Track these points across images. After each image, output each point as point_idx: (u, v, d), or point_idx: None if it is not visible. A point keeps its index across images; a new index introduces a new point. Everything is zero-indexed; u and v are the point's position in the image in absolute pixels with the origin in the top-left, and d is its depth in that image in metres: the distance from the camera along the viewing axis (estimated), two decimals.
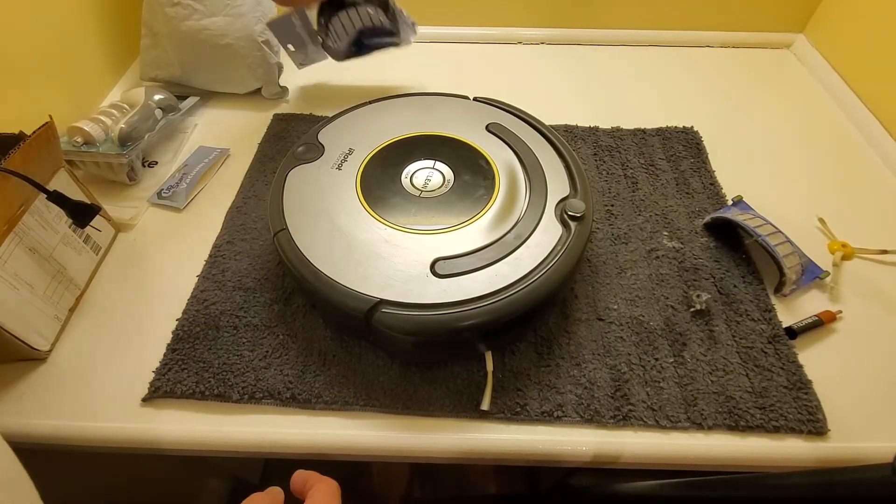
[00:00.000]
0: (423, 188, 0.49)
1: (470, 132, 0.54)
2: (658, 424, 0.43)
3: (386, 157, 0.52)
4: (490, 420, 0.43)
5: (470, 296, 0.41)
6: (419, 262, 0.43)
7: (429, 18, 0.83)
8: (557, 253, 0.43)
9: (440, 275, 0.42)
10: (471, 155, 0.52)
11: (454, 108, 0.58)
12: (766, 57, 0.82)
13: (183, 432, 0.43)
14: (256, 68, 0.70)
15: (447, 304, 0.40)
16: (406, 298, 0.41)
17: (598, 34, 0.84)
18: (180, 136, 0.67)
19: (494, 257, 0.43)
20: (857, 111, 0.69)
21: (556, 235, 0.45)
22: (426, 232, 0.45)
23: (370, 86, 0.77)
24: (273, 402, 0.44)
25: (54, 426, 0.43)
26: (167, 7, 0.66)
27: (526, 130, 0.55)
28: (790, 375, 0.45)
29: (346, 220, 0.46)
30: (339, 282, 0.42)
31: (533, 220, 0.46)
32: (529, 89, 0.76)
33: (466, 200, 0.48)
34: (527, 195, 0.48)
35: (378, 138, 0.54)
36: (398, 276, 0.42)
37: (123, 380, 0.45)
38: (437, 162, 0.52)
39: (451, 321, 0.40)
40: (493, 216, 0.47)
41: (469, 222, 0.46)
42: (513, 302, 0.40)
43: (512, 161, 0.51)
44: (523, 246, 0.44)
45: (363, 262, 0.43)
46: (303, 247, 0.44)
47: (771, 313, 0.49)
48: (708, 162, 0.63)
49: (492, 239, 0.45)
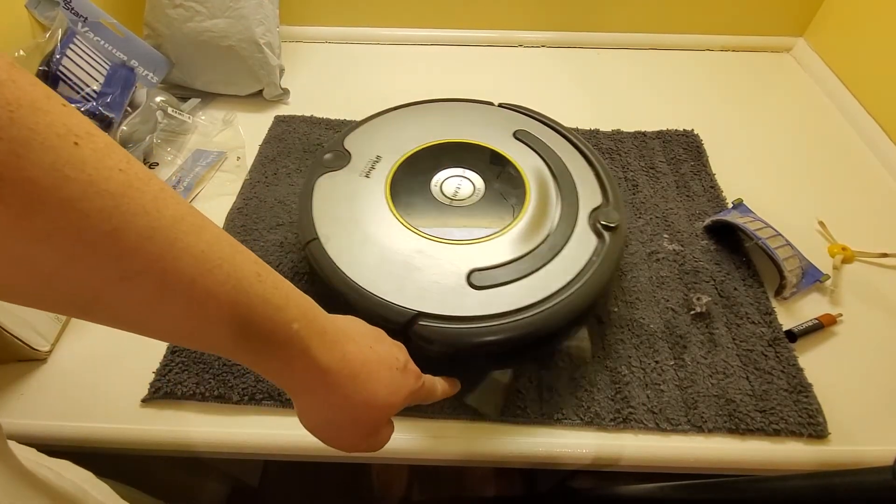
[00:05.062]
0: (454, 197, 0.49)
1: (497, 139, 0.53)
2: (658, 427, 0.42)
3: (414, 164, 0.51)
4: (490, 422, 0.43)
5: (509, 308, 0.40)
6: (455, 274, 0.42)
7: (429, 20, 0.84)
8: (593, 264, 0.43)
9: (477, 286, 0.41)
10: (499, 162, 0.51)
11: (480, 115, 0.57)
12: (767, 60, 0.82)
13: (183, 433, 0.43)
14: (258, 70, 0.70)
15: (487, 317, 0.40)
16: (444, 311, 0.40)
17: (599, 37, 0.84)
18: (181, 137, 0.67)
19: (530, 268, 0.43)
20: (857, 115, 0.69)
21: (590, 246, 0.44)
22: (460, 242, 0.45)
23: (371, 86, 0.77)
24: (273, 404, 0.44)
25: (54, 426, 0.43)
26: (169, 9, 0.66)
27: (553, 137, 0.54)
28: (790, 378, 0.45)
29: (378, 230, 0.45)
30: (376, 293, 0.41)
31: (566, 230, 0.45)
32: (530, 92, 0.76)
33: (498, 210, 0.47)
34: (558, 204, 0.47)
35: (405, 145, 0.53)
36: (435, 287, 0.41)
37: (123, 381, 0.45)
38: (465, 170, 0.51)
39: (493, 334, 0.39)
40: (526, 226, 0.46)
41: (502, 232, 0.45)
42: (555, 314, 0.40)
43: (541, 169, 0.50)
44: (558, 257, 0.43)
45: (398, 272, 0.42)
46: (335, 257, 0.43)
47: (771, 316, 0.49)
48: (708, 165, 0.64)
49: (526, 249, 0.44)
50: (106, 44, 0.63)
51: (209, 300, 0.21)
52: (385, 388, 0.29)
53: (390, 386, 0.29)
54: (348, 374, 0.27)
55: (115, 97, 0.60)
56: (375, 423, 0.30)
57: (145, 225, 0.19)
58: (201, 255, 0.21)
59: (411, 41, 0.85)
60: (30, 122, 0.16)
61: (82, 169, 0.17)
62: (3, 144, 0.16)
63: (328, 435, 0.30)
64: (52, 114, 0.17)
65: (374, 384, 0.28)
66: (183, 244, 0.20)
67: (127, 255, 0.19)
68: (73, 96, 0.58)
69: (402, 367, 0.30)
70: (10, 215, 0.16)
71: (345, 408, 0.28)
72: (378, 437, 0.31)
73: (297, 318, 0.25)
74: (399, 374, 0.30)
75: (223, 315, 0.22)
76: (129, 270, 0.19)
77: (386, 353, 0.30)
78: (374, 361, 0.28)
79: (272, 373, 0.26)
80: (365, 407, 0.28)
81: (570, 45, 0.85)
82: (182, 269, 0.20)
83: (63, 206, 0.17)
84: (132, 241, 0.19)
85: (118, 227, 0.18)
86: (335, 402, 0.27)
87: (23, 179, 0.16)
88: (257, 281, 0.23)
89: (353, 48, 0.84)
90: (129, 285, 0.19)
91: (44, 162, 0.16)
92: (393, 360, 0.30)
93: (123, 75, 0.62)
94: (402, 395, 0.30)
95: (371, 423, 0.30)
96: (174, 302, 0.21)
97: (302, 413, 0.29)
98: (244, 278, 0.23)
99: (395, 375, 0.29)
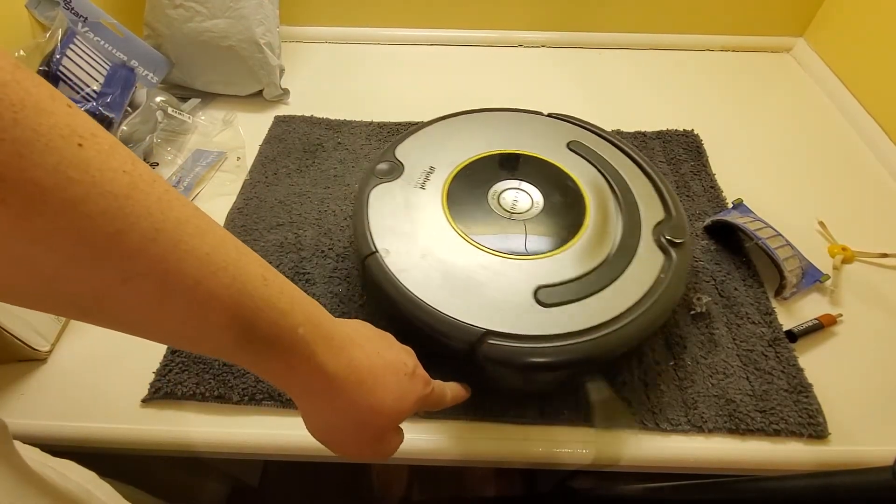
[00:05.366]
0: (512, 209, 0.47)
1: (551, 150, 0.52)
2: (658, 427, 0.42)
3: (468, 175, 0.50)
4: (490, 422, 0.43)
5: (581, 326, 0.39)
6: (521, 290, 0.41)
7: (429, 20, 0.84)
8: (663, 281, 0.42)
9: (545, 304, 0.40)
10: (555, 174, 0.50)
11: (530, 125, 0.56)
12: (767, 61, 0.82)
13: (183, 434, 0.43)
14: (258, 70, 0.70)
15: (559, 336, 0.38)
16: (514, 329, 0.38)
17: (599, 37, 0.84)
18: (181, 137, 0.67)
19: (598, 285, 0.41)
20: (857, 115, 0.69)
21: (656, 262, 0.43)
22: (523, 257, 0.43)
23: (371, 86, 0.77)
24: (273, 404, 0.44)
25: (54, 426, 0.43)
26: (169, 9, 0.66)
27: (607, 148, 0.53)
28: (790, 379, 0.45)
29: (439, 244, 0.44)
30: (440, 310, 0.40)
31: (630, 245, 0.44)
32: (530, 92, 0.76)
33: (559, 223, 0.46)
34: (619, 218, 0.46)
35: (457, 156, 0.52)
36: (502, 304, 0.40)
37: (123, 381, 0.45)
38: (522, 182, 0.49)
39: (567, 354, 0.38)
40: (589, 241, 0.44)
41: (565, 247, 0.44)
42: (629, 333, 0.39)
43: (599, 182, 0.49)
44: (625, 274, 0.42)
45: (462, 288, 0.41)
46: (397, 272, 0.42)
47: (771, 316, 0.49)
48: (708, 165, 0.64)
49: (591, 266, 0.43)
50: (106, 44, 0.63)
51: (213, 303, 0.21)
52: (392, 395, 0.28)
53: (398, 392, 0.29)
54: (354, 380, 0.27)
55: (115, 97, 0.60)
56: (382, 430, 0.29)
57: (149, 227, 0.19)
58: (206, 257, 0.21)
59: (411, 41, 0.85)
60: (33, 124, 0.16)
61: (86, 170, 0.17)
62: (7, 145, 0.16)
63: (333, 440, 0.30)
64: (56, 115, 0.17)
65: (381, 390, 0.28)
66: (187, 246, 0.20)
67: (130, 256, 0.19)
68: (73, 96, 0.58)
69: (410, 373, 0.30)
70: (10, 215, 0.16)
71: (350, 413, 0.27)
72: (385, 444, 0.30)
73: (302, 322, 0.24)
74: (407, 379, 0.29)
75: (227, 318, 0.22)
76: (132, 272, 0.19)
77: (394, 359, 0.30)
78: (380, 367, 0.28)
79: (276, 377, 0.25)
80: (371, 413, 0.28)
81: (570, 45, 0.84)
82: (186, 272, 0.20)
83: (66, 208, 0.17)
84: (135, 242, 0.19)
85: (121, 230, 0.18)
86: (340, 408, 0.27)
87: (25, 180, 0.16)
88: (262, 284, 0.23)
89: (353, 48, 0.84)
90: (132, 287, 0.19)
91: (47, 163, 0.16)
92: (401, 365, 0.30)
93: (123, 75, 0.62)
94: (410, 401, 0.29)
95: (377, 429, 0.29)
96: (177, 304, 0.20)
97: (307, 417, 0.29)
98: (249, 282, 0.22)
99: (402, 381, 0.29)
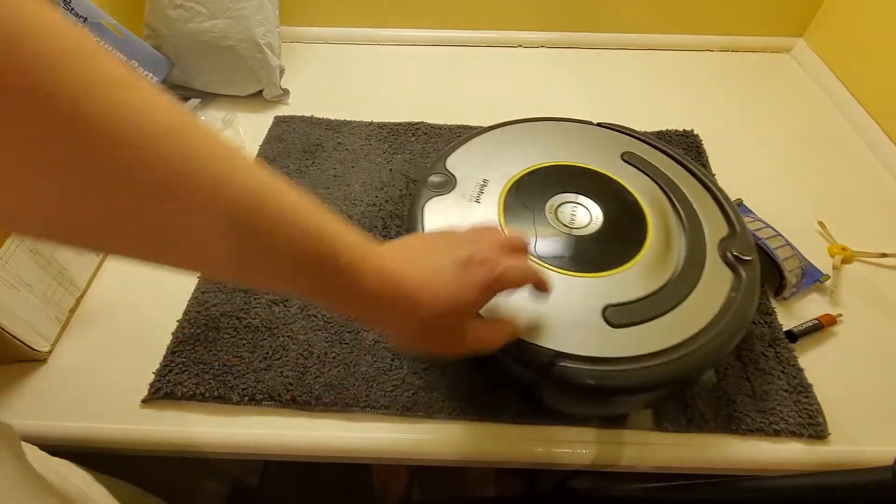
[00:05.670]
0: (571, 224, 0.45)
1: (604, 162, 0.50)
2: (658, 427, 0.42)
3: (523, 189, 0.48)
4: (490, 423, 0.43)
5: (654, 348, 0.37)
6: (589, 310, 0.39)
7: (429, 21, 0.84)
8: (734, 300, 0.40)
9: (615, 324, 0.39)
10: (612, 187, 0.49)
11: (580, 135, 0.55)
12: (767, 61, 0.82)
13: (183, 434, 0.43)
14: (258, 70, 0.70)
15: (633, 359, 0.37)
16: (584, 351, 0.37)
17: (599, 38, 0.84)
18: None
19: (668, 305, 0.40)
20: (856, 115, 0.69)
21: (725, 280, 0.42)
22: (587, 275, 0.41)
23: (371, 87, 0.77)
24: (273, 404, 0.44)
25: (54, 427, 0.43)
26: (169, 9, 0.66)
27: (662, 160, 0.51)
28: (790, 379, 0.45)
29: None
30: None
31: (697, 262, 0.43)
32: (529, 93, 0.76)
33: (620, 239, 0.44)
34: (681, 234, 0.45)
35: (509, 168, 0.50)
36: (570, 324, 0.38)
37: (123, 381, 0.45)
38: (578, 195, 0.48)
39: (642, 377, 0.36)
40: (653, 258, 0.43)
41: (630, 265, 0.42)
42: (704, 354, 0.37)
43: (657, 195, 0.48)
44: (694, 293, 0.41)
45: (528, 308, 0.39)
46: None
47: (771, 316, 0.49)
48: (708, 165, 0.64)
49: (658, 284, 0.41)
50: (106, 44, 0.63)
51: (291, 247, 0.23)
52: (446, 294, 0.29)
53: (451, 289, 0.29)
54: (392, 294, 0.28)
55: None
56: (453, 326, 0.31)
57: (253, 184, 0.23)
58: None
59: (411, 41, 0.85)
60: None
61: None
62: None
63: (418, 346, 0.32)
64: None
65: (429, 292, 0.29)
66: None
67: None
68: None
69: (462, 264, 0.30)
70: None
71: (412, 322, 0.29)
72: (470, 335, 0.32)
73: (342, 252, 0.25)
74: (459, 272, 0.30)
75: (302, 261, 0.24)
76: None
77: (437, 258, 0.30)
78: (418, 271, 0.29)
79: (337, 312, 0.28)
80: (431, 315, 0.29)
81: (569, 45, 0.84)
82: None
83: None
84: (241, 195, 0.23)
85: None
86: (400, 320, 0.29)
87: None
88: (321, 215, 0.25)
89: (353, 48, 0.84)
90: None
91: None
92: (446, 262, 0.30)
93: None
94: (473, 290, 0.30)
95: (448, 327, 0.31)
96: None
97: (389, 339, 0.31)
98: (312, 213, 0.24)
99: (452, 279, 0.30)
